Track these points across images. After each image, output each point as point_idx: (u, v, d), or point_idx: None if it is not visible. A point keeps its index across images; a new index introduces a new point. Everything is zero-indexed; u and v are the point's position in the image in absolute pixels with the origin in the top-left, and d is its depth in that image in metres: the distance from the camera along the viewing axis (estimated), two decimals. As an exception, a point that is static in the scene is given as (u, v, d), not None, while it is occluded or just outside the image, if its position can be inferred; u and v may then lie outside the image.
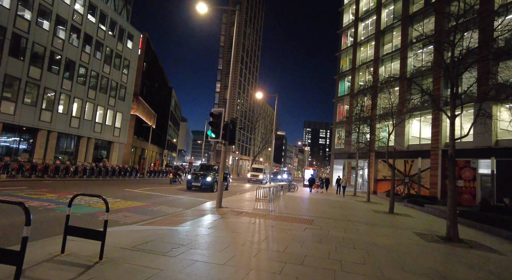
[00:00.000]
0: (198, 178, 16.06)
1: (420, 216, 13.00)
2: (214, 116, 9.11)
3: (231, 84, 10.00)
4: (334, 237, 6.44)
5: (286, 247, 5.17)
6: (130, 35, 31.15)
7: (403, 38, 30.01)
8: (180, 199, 12.21)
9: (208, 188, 15.98)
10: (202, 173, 16.56)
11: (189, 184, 16.27)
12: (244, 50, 68.16)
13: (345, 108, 37.55)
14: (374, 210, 13.37)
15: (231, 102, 10.26)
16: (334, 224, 8.20)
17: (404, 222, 10.33)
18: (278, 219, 8.21)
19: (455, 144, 8.00)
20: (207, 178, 16.06)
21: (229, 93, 9.94)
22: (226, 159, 9.94)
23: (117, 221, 6.79)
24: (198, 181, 16.04)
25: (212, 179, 16.16)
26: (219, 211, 8.86)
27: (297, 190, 23.16)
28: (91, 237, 3.69)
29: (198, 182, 16.02)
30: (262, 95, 21.74)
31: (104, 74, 27.35)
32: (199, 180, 16.01)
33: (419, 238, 7.22)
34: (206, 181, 16.02)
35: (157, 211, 8.70)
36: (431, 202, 17.42)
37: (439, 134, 23.90)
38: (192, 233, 5.71)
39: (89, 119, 25.86)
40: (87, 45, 25.12)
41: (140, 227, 6.14)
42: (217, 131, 9.11)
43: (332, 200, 17.14)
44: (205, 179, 16.03)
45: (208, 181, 16.05)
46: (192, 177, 16.44)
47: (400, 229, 8.57)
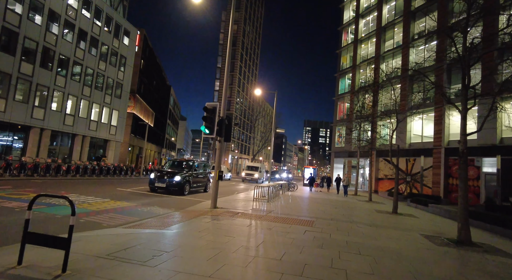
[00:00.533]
0: (163, 177, 12.73)
1: (425, 216, 12.46)
2: (208, 110, 8.54)
3: (226, 76, 9.44)
4: (337, 241, 5.89)
5: (284, 253, 4.62)
6: (127, 31, 30.52)
7: (404, 35, 29.43)
8: (174, 199, 11.65)
9: (177, 189, 12.59)
10: (170, 171, 13.24)
11: (152, 185, 12.86)
12: (243, 48, 67.52)
13: (346, 106, 37.00)
14: (377, 210, 12.83)
15: (226, 96, 9.70)
16: (336, 226, 7.65)
17: (409, 223, 9.79)
18: (276, 221, 7.66)
19: (466, 140, 7.42)
20: (175, 177, 12.63)
21: (224, 86, 9.37)
22: (221, 157, 9.39)
23: (100, 223, 6.23)
24: (163, 180, 12.66)
25: (182, 178, 12.75)
26: (213, 212, 8.30)
27: (297, 189, 22.63)
28: (52, 245, 3.13)
29: (163, 182, 12.64)
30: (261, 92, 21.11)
31: (100, 71, 26.75)
32: (165, 179, 12.65)
33: (428, 241, 6.67)
34: (173, 181, 12.59)
35: (147, 212, 8.14)
36: (435, 202, 16.89)
37: (442, 132, 23.37)
38: (179, 237, 5.15)
39: (84, 116, 25.28)
40: (82, 41, 24.51)
41: (124, 230, 5.59)
42: (211, 127, 8.54)
43: (333, 199, 16.60)
44: (173, 179, 12.61)
45: (177, 181, 12.59)
46: (155, 176, 12.96)
47: (406, 231, 8.03)
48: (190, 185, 13.36)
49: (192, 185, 13.61)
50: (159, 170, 13.68)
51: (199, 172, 14.72)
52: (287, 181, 25.23)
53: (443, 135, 23.28)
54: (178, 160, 15.68)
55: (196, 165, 14.88)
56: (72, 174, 17.56)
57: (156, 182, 12.83)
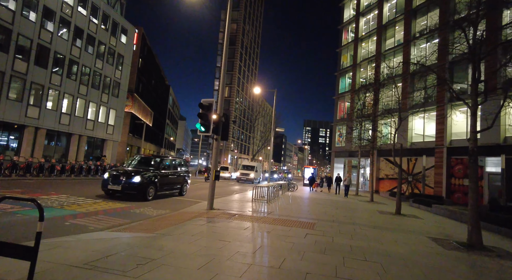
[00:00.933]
0: (119, 178, 9.86)
1: (429, 217, 12.06)
2: (204, 107, 8.13)
3: (223, 73, 9.02)
4: (340, 245, 5.48)
5: (283, 260, 4.21)
6: (124, 30, 30.11)
7: (406, 33, 29.08)
8: (170, 199, 11.25)
9: (136, 193, 9.88)
10: (129, 170, 10.35)
11: (105, 188, 9.99)
12: (243, 47, 67.13)
13: (346, 105, 36.63)
14: (380, 211, 12.43)
15: (223, 92, 9.26)
16: (339, 229, 7.25)
17: (414, 224, 9.39)
18: (275, 223, 7.26)
19: (476, 138, 7.02)
20: (134, 178, 9.83)
21: (221, 82, 8.96)
22: (218, 156, 8.98)
23: (86, 226, 5.82)
24: (118, 182, 9.81)
25: (143, 179, 9.94)
26: (209, 214, 7.89)
27: (297, 190, 22.22)
28: (16, 255, 2.72)
29: (118, 183, 9.78)
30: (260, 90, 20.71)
31: (97, 70, 26.33)
32: (120, 180, 9.82)
33: (437, 245, 6.27)
34: (131, 182, 9.77)
35: (139, 214, 7.74)
36: (438, 202, 16.48)
37: (444, 131, 23.00)
38: (170, 242, 4.74)
39: (81, 116, 24.87)
40: (78, 39, 24.10)
41: (110, 234, 5.18)
42: (207, 124, 8.13)
43: (334, 200, 16.20)
44: (131, 180, 9.78)
45: (136, 183, 9.80)
46: (109, 176, 10.05)
47: (412, 233, 7.63)
48: (157, 187, 10.59)
49: (160, 188, 10.86)
50: (116, 169, 10.65)
51: (170, 171, 11.86)
52: (287, 181, 24.79)
53: (445, 134, 22.91)
54: (144, 156, 12.68)
55: (167, 163, 12.03)
56: (66, 174, 17.15)
57: (109, 184, 9.80)
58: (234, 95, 63.64)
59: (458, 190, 21.67)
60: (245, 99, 72.65)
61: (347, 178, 19.88)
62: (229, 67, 63.74)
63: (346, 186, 19.39)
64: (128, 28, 30.69)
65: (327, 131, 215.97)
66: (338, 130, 37.77)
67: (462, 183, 21.63)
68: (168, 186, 11.64)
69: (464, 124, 22.28)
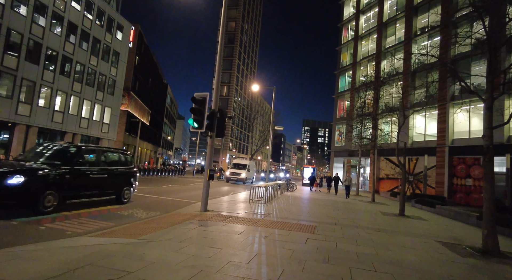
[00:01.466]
0: None
1: (434, 219, 11.56)
2: (197, 101, 7.57)
3: (219, 62, 8.46)
4: (345, 252, 4.94)
5: (281, 272, 3.67)
6: (120, 26, 29.47)
7: (406, 30, 28.60)
8: (162, 200, 10.69)
9: (16, 202, 6.11)
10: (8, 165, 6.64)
11: None
12: (241, 45, 66.55)
13: (346, 104, 36.16)
14: (383, 212, 11.92)
15: (219, 85, 8.67)
16: (342, 232, 6.71)
17: (420, 227, 8.87)
18: (273, 226, 6.72)
19: (492, 134, 6.50)
20: (12, 177, 6.01)
21: (216, 76, 8.40)
22: (212, 154, 8.43)
23: (64, 230, 5.26)
24: None
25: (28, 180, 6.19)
26: (202, 216, 7.34)
27: (296, 190, 21.69)
28: None
29: None
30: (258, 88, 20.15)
31: (91, 66, 25.70)
32: None
33: (450, 251, 5.74)
34: (6, 186, 5.90)
35: (127, 216, 7.18)
36: (441, 203, 15.99)
37: (446, 130, 22.55)
38: (154, 249, 4.19)
39: (75, 113, 24.24)
40: (72, 35, 23.45)
41: (88, 239, 4.62)
42: (200, 120, 7.57)
43: (334, 201, 15.68)
44: (5, 182, 5.90)
45: (13, 186, 5.99)
46: None
47: (420, 237, 7.10)
48: (63, 192, 6.92)
49: (73, 192, 7.33)
50: None
51: (97, 168, 8.08)
52: (286, 180, 24.21)
53: (447, 134, 22.46)
54: (49, 144, 8.36)
55: (91, 155, 8.17)
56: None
57: None
58: (232, 94, 63.05)
59: (460, 190, 21.23)
60: (244, 99, 72.08)
61: (347, 178, 18.88)
62: (228, 66, 63.16)
63: (347, 186, 18.45)
64: (124, 25, 30.05)
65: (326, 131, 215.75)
66: (338, 129, 37.29)
67: (464, 183, 21.17)
68: (90, 189, 7.89)
69: (467, 123, 21.82)
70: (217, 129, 8.39)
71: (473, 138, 20.88)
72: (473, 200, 20.27)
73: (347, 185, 18.31)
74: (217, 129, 8.41)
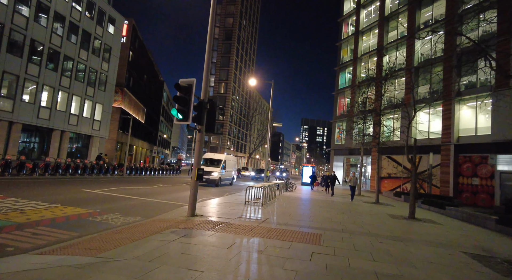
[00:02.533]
0: None
1: (447, 222, 10.55)
2: (182, 88, 6.47)
3: (209, 46, 7.35)
4: (362, 273, 3.90)
5: (281, 312, 2.61)
6: (112, 19, 28.21)
7: (409, 25, 27.60)
8: (148, 203, 9.60)
9: None
10: None
11: None
12: (239, 42, 65.32)
13: (346, 101, 35.16)
14: (391, 215, 10.91)
15: (209, 72, 7.51)
16: (352, 242, 5.67)
17: (436, 233, 7.85)
18: (270, 236, 5.66)
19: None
20: None
21: (206, 59, 7.32)
22: (201, 151, 7.35)
23: (5, 245, 4.16)
24: None
25: None
26: (188, 223, 6.27)
27: (295, 189, 20.65)
28: None
29: None
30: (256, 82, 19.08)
31: (81, 60, 24.47)
32: None
33: (486, 268, 4.71)
34: None
35: (99, 223, 6.10)
36: (449, 203, 15.01)
37: (451, 127, 21.59)
38: (107, 276, 3.12)
39: (63, 110, 23.02)
40: (59, 26, 22.21)
41: (29, 259, 3.54)
42: (185, 111, 6.47)
43: (337, 202, 14.64)
44: None
45: None
46: None
47: (442, 247, 6.08)
48: None
49: None
50: None
51: None
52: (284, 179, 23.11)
53: (453, 131, 21.51)
54: None
55: None
56: (40, 172, 15.40)
57: None
58: (230, 92, 61.87)
59: (467, 189, 20.30)
60: (242, 96, 70.92)
61: (352, 178, 16.07)
62: (225, 63, 61.96)
63: (352, 187, 15.80)
64: (116, 18, 28.79)
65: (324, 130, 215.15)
66: (338, 127, 36.29)
67: (471, 182, 20.24)
68: None
69: (473, 119, 20.88)
70: (206, 122, 7.32)
71: (480, 135, 19.95)
72: (480, 200, 19.35)
73: (352, 186, 15.84)
74: (207, 122, 7.34)
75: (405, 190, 24.75)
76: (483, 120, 20.62)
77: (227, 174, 20.92)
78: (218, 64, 62.45)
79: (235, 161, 23.73)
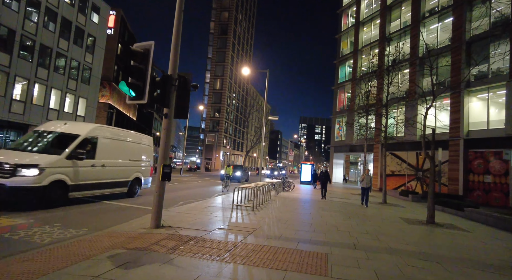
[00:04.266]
0: None
1: (473, 228, 8.87)
2: (135, 55, 4.70)
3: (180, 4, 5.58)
4: None
5: None
6: (96, 7, 26.29)
7: (413, 13, 25.96)
8: (112, 208, 7.85)
9: None
10: None
11: None
12: (235, 36, 63.39)
13: (346, 95, 33.52)
14: (405, 220, 9.24)
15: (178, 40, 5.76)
16: (373, 268, 3.97)
17: (471, 245, 6.17)
18: (256, 260, 3.94)
19: None
20: None
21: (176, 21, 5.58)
22: (169, 144, 5.62)
23: None
24: None
25: None
26: (145, 239, 4.54)
27: (293, 189, 18.95)
28: None
29: None
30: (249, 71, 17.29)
31: (61, 51, 22.58)
32: None
33: None
34: None
35: (16, 242, 4.34)
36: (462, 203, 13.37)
37: (461, 121, 20.00)
38: None
39: (40, 104, 21.17)
40: (34, 12, 20.29)
41: None
42: (140, 86, 4.71)
43: (338, 203, 12.97)
44: None
45: None
46: None
47: (495, 269, 4.40)
48: None
49: None
50: None
51: None
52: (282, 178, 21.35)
53: (462, 125, 19.92)
54: None
55: None
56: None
57: None
58: (226, 88, 60.00)
59: (478, 187, 18.77)
60: (239, 93, 69.05)
61: (365, 177, 12.66)
62: (221, 58, 60.06)
63: (365, 189, 12.50)
64: (100, 6, 26.87)
65: (323, 128, 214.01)
66: (338, 123, 34.63)
67: (482, 180, 18.69)
68: None
69: (485, 112, 19.32)
70: (176, 104, 5.56)
71: (493, 129, 18.39)
72: (493, 199, 17.80)
73: (364, 187, 12.54)
74: (177, 104, 5.58)
75: (410, 188, 23.21)
76: (496, 112, 19.08)
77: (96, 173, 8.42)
78: (213, 59, 60.51)
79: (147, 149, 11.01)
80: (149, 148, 11.02)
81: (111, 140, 8.95)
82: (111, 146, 8.92)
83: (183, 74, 5.73)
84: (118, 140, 9.31)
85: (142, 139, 10.72)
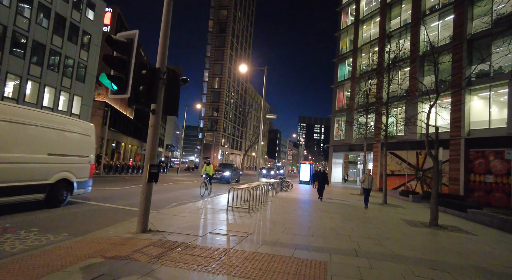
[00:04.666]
0: None
1: (480, 230, 8.50)
2: (117, 44, 4.30)
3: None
4: None
5: None
6: (91, 4, 25.79)
7: (414, 11, 25.60)
8: (100, 209, 7.44)
9: None
10: None
11: None
12: (234, 35, 62.88)
13: (345, 94, 33.17)
14: (408, 222, 8.87)
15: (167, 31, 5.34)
16: (377, 278, 3.60)
17: (480, 250, 5.79)
18: (246, 271, 3.56)
19: None
20: None
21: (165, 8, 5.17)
22: (156, 142, 5.22)
23: None
24: None
25: None
26: (127, 246, 4.15)
27: (292, 189, 18.57)
28: None
29: None
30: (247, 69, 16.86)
31: (54, 48, 22.09)
32: None
33: None
34: None
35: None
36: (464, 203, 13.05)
37: (462, 120, 19.67)
38: None
39: (33, 102, 20.68)
40: (26, 7, 19.79)
41: None
42: (123, 79, 4.31)
43: (338, 204, 12.60)
44: None
45: None
46: None
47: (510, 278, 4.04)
48: None
49: None
50: None
51: None
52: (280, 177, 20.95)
53: (463, 124, 19.59)
54: None
55: None
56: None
57: None
58: (224, 87, 59.52)
59: (479, 187, 18.46)
60: (237, 92, 68.59)
61: (367, 178, 11.97)
62: (219, 56, 59.55)
63: (366, 190, 11.94)
64: (96, 3, 26.36)
65: (322, 127, 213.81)
66: (337, 122, 34.29)
67: (483, 179, 18.37)
68: None
69: (486, 111, 19.00)
70: (165, 100, 5.16)
71: (494, 128, 18.08)
72: (495, 200, 17.49)
73: (366, 188, 11.94)
74: (166, 100, 5.18)
75: (410, 188, 22.89)
76: (497, 111, 18.78)
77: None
78: (212, 57, 60.00)
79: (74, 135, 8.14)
80: (88, 139, 8.23)
81: (7, 123, 5.82)
82: (6, 132, 5.85)
83: (173, 68, 5.33)
84: (22, 124, 6.15)
85: (74, 126, 7.77)
